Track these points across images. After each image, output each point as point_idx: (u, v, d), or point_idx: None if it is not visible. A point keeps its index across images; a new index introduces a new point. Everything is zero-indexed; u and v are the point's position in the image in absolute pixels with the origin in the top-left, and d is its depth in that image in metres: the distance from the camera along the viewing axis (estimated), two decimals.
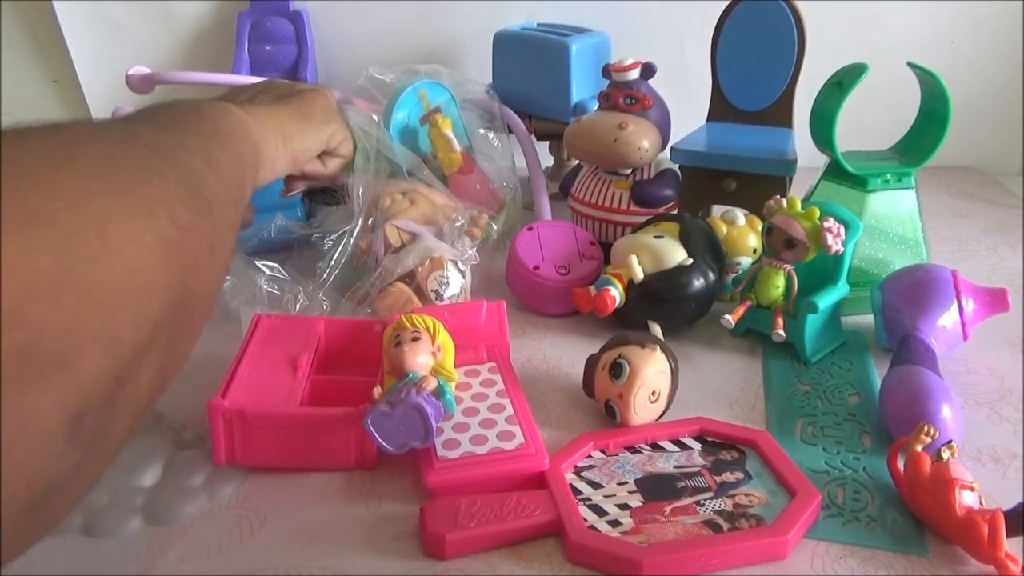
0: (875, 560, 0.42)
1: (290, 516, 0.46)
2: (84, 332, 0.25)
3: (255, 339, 0.54)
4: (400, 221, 0.67)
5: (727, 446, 0.50)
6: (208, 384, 0.51)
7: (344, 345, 0.57)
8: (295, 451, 0.48)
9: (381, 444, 0.46)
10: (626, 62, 0.70)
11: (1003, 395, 0.56)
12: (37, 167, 0.26)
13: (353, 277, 0.67)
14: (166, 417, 0.52)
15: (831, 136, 0.63)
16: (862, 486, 0.47)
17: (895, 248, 0.65)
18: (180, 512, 0.46)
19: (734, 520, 0.43)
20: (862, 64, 0.62)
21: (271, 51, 0.94)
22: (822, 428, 0.52)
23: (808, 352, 0.59)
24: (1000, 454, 0.50)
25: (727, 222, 0.66)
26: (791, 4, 0.71)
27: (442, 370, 0.49)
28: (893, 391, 0.51)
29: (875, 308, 0.60)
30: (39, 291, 0.23)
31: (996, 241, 0.81)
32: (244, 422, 0.47)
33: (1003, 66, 0.97)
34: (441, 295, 0.63)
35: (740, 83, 0.74)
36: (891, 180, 0.64)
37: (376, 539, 0.44)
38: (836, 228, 0.57)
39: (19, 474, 0.24)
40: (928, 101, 0.65)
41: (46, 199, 0.25)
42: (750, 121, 0.75)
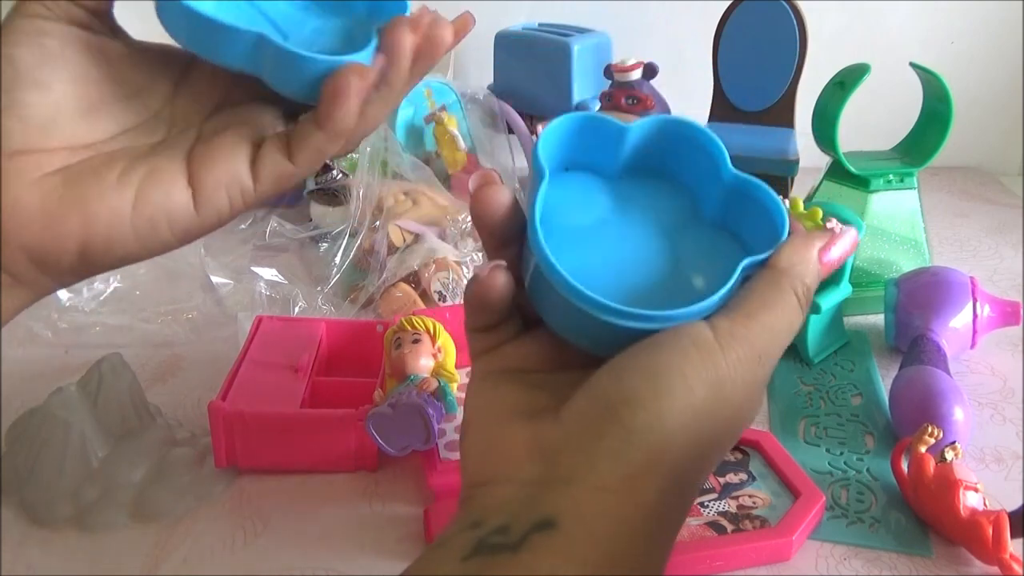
0: (879, 561, 0.42)
1: (293, 518, 0.46)
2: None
3: (256, 341, 0.54)
4: (404, 221, 0.67)
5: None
6: (207, 385, 0.51)
7: (345, 347, 0.57)
8: (296, 453, 0.48)
9: (382, 446, 0.46)
10: (628, 62, 0.70)
11: (1006, 396, 0.56)
12: None
13: (356, 278, 0.67)
14: (163, 414, 0.52)
15: (833, 136, 0.63)
16: (866, 487, 0.47)
17: (897, 248, 0.65)
18: (169, 509, 0.46)
19: (738, 521, 0.43)
20: (864, 64, 0.62)
21: None
22: (825, 429, 0.52)
23: (811, 353, 0.59)
24: (1003, 455, 0.50)
25: None
26: (793, 4, 0.71)
27: (443, 371, 0.49)
28: (904, 391, 0.51)
29: (887, 306, 0.60)
30: None
31: (997, 241, 0.81)
32: (244, 424, 0.47)
33: (1003, 66, 0.97)
34: (445, 296, 0.63)
35: (742, 83, 0.74)
36: (893, 180, 0.64)
37: (381, 541, 0.44)
38: (839, 228, 0.56)
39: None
40: (930, 101, 0.65)
41: None
42: (752, 121, 0.74)
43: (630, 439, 0.24)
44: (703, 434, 0.25)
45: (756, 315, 0.27)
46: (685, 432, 0.25)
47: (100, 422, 0.48)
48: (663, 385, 0.25)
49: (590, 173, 0.31)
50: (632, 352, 0.26)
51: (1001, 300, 0.59)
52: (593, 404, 0.26)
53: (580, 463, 0.25)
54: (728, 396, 0.26)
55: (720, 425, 0.26)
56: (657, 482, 0.24)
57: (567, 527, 0.23)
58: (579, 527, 0.24)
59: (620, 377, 0.26)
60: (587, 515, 0.24)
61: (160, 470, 0.47)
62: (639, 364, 0.26)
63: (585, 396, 0.26)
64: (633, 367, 0.26)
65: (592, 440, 0.25)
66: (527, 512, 0.24)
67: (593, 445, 0.25)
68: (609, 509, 0.24)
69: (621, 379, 0.26)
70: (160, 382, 0.59)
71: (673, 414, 0.25)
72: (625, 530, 0.24)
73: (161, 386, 0.58)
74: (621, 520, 0.24)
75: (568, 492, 0.24)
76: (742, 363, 0.26)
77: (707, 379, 0.25)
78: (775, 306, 0.28)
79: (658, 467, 0.25)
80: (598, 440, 0.25)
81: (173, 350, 0.62)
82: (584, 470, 0.24)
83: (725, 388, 0.26)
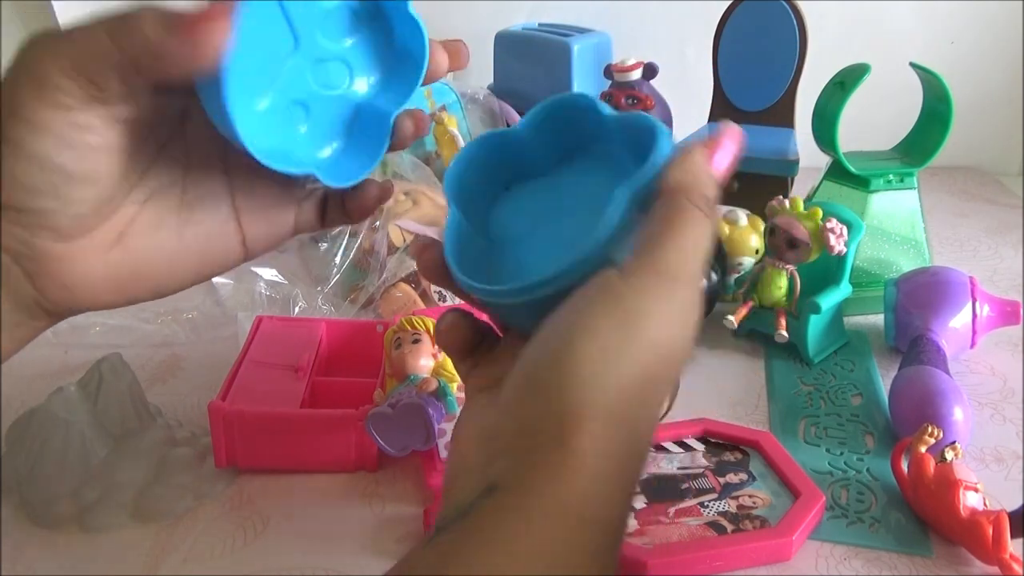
0: (879, 561, 0.42)
1: (293, 518, 0.46)
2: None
3: (256, 341, 0.54)
4: (404, 222, 0.67)
5: (730, 447, 0.50)
6: (207, 385, 0.51)
7: (345, 347, 0.57)
8: (296, 453, 0.48)
9: (382, 446, 0.46)
10: (628, 62, 0.70)
11: (1006, 396, 0.56)
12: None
13: (356, 278, 0.67)
14: (163, 414, 0.52)
15: (833, 136, 0.63)
16: (866, 487, 0.47)
17: (897, 248, 0.65)
18: (169, 509, 0.46)
19: (738, 522, 0.43)
20: (864, 64, 0.62)
21: None
22: (825, 429, 0.52)
23: (811, 353, 0.59)
24: (1003, 455, 0.50)
25: (729, 223, 0.66)
26: (793, 4, 0.71)
27: (443, 371, 0.49)
28: (904, 391, 0.51)
29: (887, 305, 0.60)
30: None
31: (997, 241, 0.81)
32: (244, 424, 0.47)
33: (1003, 66, 0.97)
34: (445, 296, 0.63)
35: (742, 83, 0.74)
36: (893, 180, 0.64)
37: (380, 541, 0.44)
38: (839, 228, 0.57)
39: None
40: (930, 101, 0.65)
41: None
42: (752, 121, 0.74)
43: (550, 398, 0.25)
44: (624, 372, 0.25)
45: (658, 239, 0.27)
46: (603, 376, 0.25)
47: (100, 422, 0.48)
48: (569, 338, 0.25)
49: (530, 179, 0.33)
50: (552, 317, 0.27)
51: (1001, 300, 0.59)
52: (518, 375, 0.26)
53: (513, 431, 0.26)
54: (642, 327, 0.26)
55: (643, 357, 0.26)
56: (590, 428, 0.25)
57: (506, 485, 0.25)
58: (517, 484, 0.25)
59: (537, 343, 0.27)
60: (525, 473, 0.25)
61: (160, 470, 0.48)
62: (553, 326, 0.27)
63: (512, 372, 0.27)
64: (549, 330, 0.27)
65: (520, 408, 0.26)
66: (477, 489, 0.25)
67: (522, 412, 0.26)
68: (548, 461, 0.25)
69: (538, 344, 0.26)
70: (160, 382, 0.59)
71: (584, 363, 0.25)
72: (565, 478, 0.24)
73: (161, 386, 0.58)
74: (559, 470, 0.25)
75: (509, 459, 0.25)
76: (651, 290, 0.26)
77: (612, 318, 0.25)
78: (675, 223, 0.27)
79: (583, 416, 0.25)
80: (524, 408, 0.26)
81: (173, 350, 0.62)
82: (518, 436, 0.26)
83: (636, 321, 0.26)
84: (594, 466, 0.25)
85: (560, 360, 0.25)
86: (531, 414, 0.26)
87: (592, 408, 0.25)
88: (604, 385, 0.25)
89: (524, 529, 0.24)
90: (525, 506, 0.24)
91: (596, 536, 0.25)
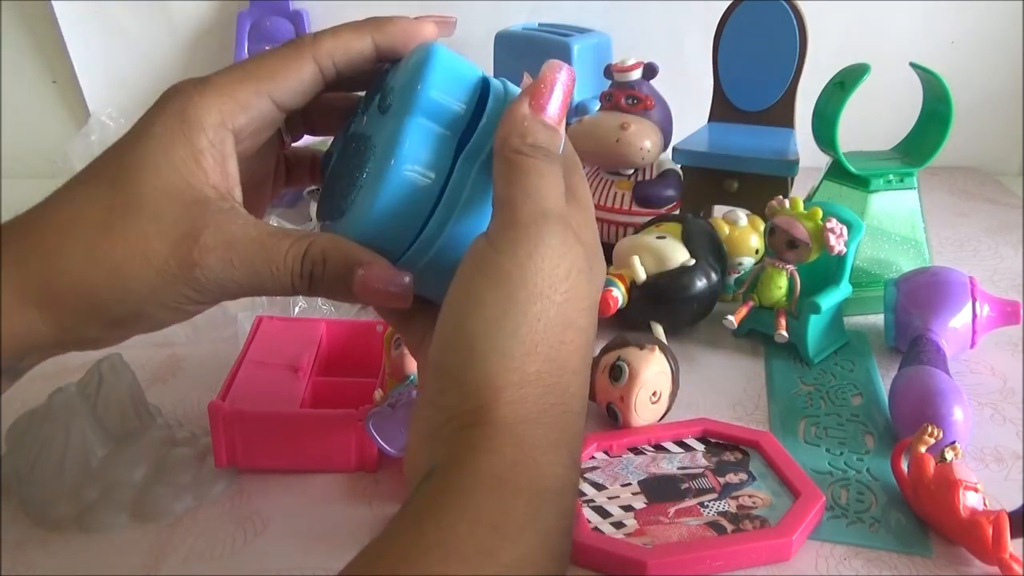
0: (879, 561, 0.42)
1: (293, 518, 0.46)
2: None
3: (256, 341, 0.54)
4: None
5: (730, 447, 0.50)
6: (207, 385, 0.51)
7: (345, 347, 0.57)
8: (296, 453, 0.48)
9: (382, 446, 0.46)
10: (628, 62, 0.69)
11: (1006, 395, 0.56)
12: None
13: None
14: (163, 414, 0.52)
15: (833, 136, 0.63)
16: (866, 487, 0.47)
17: (897, 248, 0.65)
18: (168, 509, 0.46)
19: (738, 521, 0.43)
20: (864, 64, 0.62)
21: None
22: (825, 429, 0.52)
23: (811, 353, 0.59)
24: (1003, 455, 0.50)
25: (729, 223, 0.66)
26: (793, 4, 0.70)
27: None
28: (904, 391, 0.51)
29: (887, 305, 0.60)
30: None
31: (997, 241, 0.81)
32: (244, 424, 0.47)
33: (1003, 66, 0.97)
34: None
35: (742, 83, 0.74)
36: (893, 180, 0.64)
37: None
38: (839, 228, 0.57)
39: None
40: (930, 101, 0.65)
41: None
42: (752, 121, 0.74)
43: (460, 381, 0.26)
44: (518, 331, 0.26)
45: (505, 197, 0.27)
46: (499, 343, 0.26)
47: (100, 422, 0.48)
48: (461, 317, 0.26)
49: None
50: (445, 302, 0.27)
51: (1001, 300, 0.59)
52: (430, 368, 0.27)
53: (441, 423, 0.26)
54: (517, 282, 0.26)
55: (531, 309, 0.26)
56: (505, 397, 0.25)
57: (442, 468, 0.25)
58: (453, 464, 0.25)
59: (437, 332, 0.27)
60: (458, 453, 0.25)
61: (160, 470, 0.47)
62: (446, 310, 0.27)
63: (427, 365, 0.28)
64: (443, 315, 0.27)
65: (441, 398, 0.26)
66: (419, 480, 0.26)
67: (443, 402, 0.26)
68: (473, 442, 0.25)
69: (438, 332, 0.27)
70: (160, 382, 0.59)
71: (478, 337, 0.26)
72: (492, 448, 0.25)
73: (161, 386, 0.58)
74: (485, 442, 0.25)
75: (439, 447, 0.26)
76: (514, 243, 0.26)
77: (490, 285, 0.26)
78: (512, 177, 0.28)
79: (495, 387, 0.25)
80: (443, 397, 0.26)
81: (173, 350, 0.62)
82: (444, 426, 0.26)
83: (511, 278, 0.26)
84: (519, 432, 0.25)
85: (458, 342, 0.26)
86: (449, 402, 0.26)
87: (498, 377, 0.25)
88: (502, 350, 0.25)
89: (462, 504, 0.24)
90: (460, 485, 0.24)
91: (535, 503, 0.25)
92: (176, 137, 0.28)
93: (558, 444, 0.26)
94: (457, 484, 0.25)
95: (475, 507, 0.24)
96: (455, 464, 0.25)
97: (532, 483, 0.25)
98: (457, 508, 0.24)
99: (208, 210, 0.28)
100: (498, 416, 0.25)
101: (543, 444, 0.26)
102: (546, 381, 0.26)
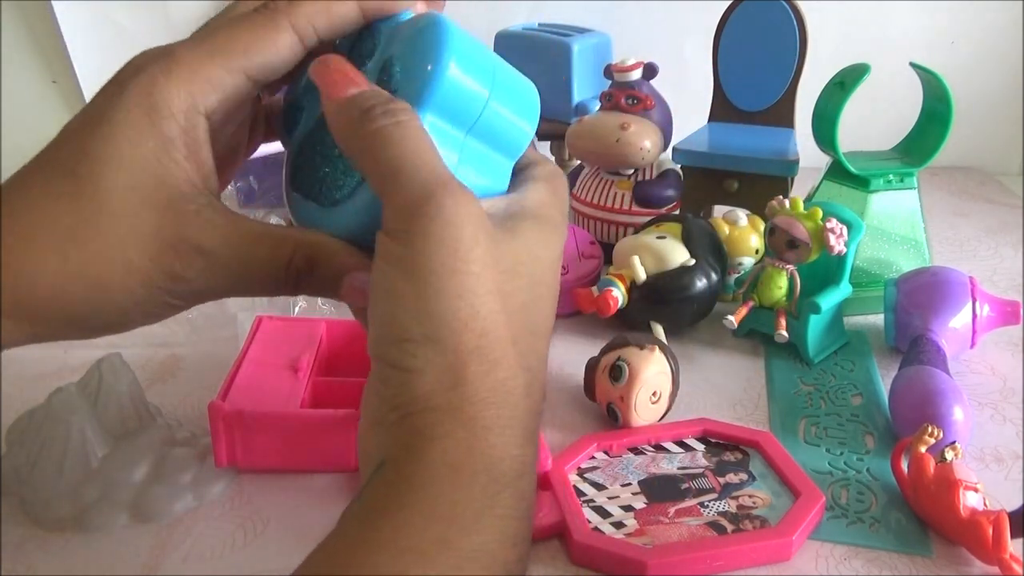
0: (879, 561, 0.42)
1: (293, 518, 0.46)
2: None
3: (256, 341, 0.54)
4: None
5: (730, 447, 0.50)
6: (207, 385, 0.51)
7: (346, 347, 0.57)
8: (296, 453, 0.48)
9: None
10: (628, 62, 0.70)
11: (1006, 396, 0.56)
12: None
13: None
14: (162, 414, 0.52)
15: (833, 136, 0.63)
16: (866, 487, 0.47)
17: (897, 248, 0.65)
18: (168, 509, 0.46)
19: (738, 521, 0.43)
20: (864, 64, 0.62)
21: None
22: (825, 429, 0.52)
23: (811, 353, 0.59)
24: (1003, 455, 0.50)
25: (729, 223, 0.66)
26: (793, 4, 0.70)
27: None
28: (904, 391, 0.51)
29: (887, 305, 0.60)
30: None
31: (997, 241, 0.81)
32: (244, 424, 0.47)
33: (1003, 66, 0.97)
34: None
35: (742, 83, 0.74)
36: (893, 180, 0.64)
37: None
38: (839, 228, 0.57)
39: None
40: (930, 101, 0.65)
41: None
42: (752, 121, 0.74)
43: (400, 372, 0.25)
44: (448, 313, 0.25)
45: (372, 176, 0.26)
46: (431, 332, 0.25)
47: (100, 422, 0.48)
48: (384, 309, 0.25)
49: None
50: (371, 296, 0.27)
51: (1001, 300, 0.59)
52: (372, 361, 0.27)
53: (387, 410, 0.25)
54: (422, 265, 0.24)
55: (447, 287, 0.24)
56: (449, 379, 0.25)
57: (393, 458, 0.24)
58: (404, 454, 0.24)
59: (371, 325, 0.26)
60: (407, 441, 0.25)
61: (160, 470, 0.47)
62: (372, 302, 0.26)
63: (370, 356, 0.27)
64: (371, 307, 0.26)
65: (385, 387, 0.26)
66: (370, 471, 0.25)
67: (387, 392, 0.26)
68: (418, 428, 0.25)
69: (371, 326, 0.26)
70: (160, 382, 0.59)
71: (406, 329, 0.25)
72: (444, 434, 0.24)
73: (161, 386, 0.58)
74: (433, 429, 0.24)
75: (387, 436, 0.25)
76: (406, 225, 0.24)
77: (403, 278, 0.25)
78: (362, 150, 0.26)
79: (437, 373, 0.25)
80: (387, 387, 0.26)
81: (173, 350, 0.62)
82: (391, 413, 0.25)
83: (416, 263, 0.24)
84: (469, 415, 0.25)
85: (390, 334, 0.25)
86: (392, 391, 0.25)
87: (434, 363, 0.25)
88: (432, 336, 0.25)
89: (414, 498, 0.23)
90: (411, 476, 0.24)
91: (491, 488, 0.24)
92: (142, 126, 0.26)
93: (511, 422, 0.25)
94: (408, 475, 0.24)
95: (429, 499, 0.23)
96: (405, 453, 0.24)
97: (487, 467, 0.24)
98: (409, 503, 0.23)
99: (185, 212, 0.27)
100: (443, 401, 0.24)
101: (496, 424, 0.25)
102: (489, 356, 0.25)
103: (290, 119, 0.33)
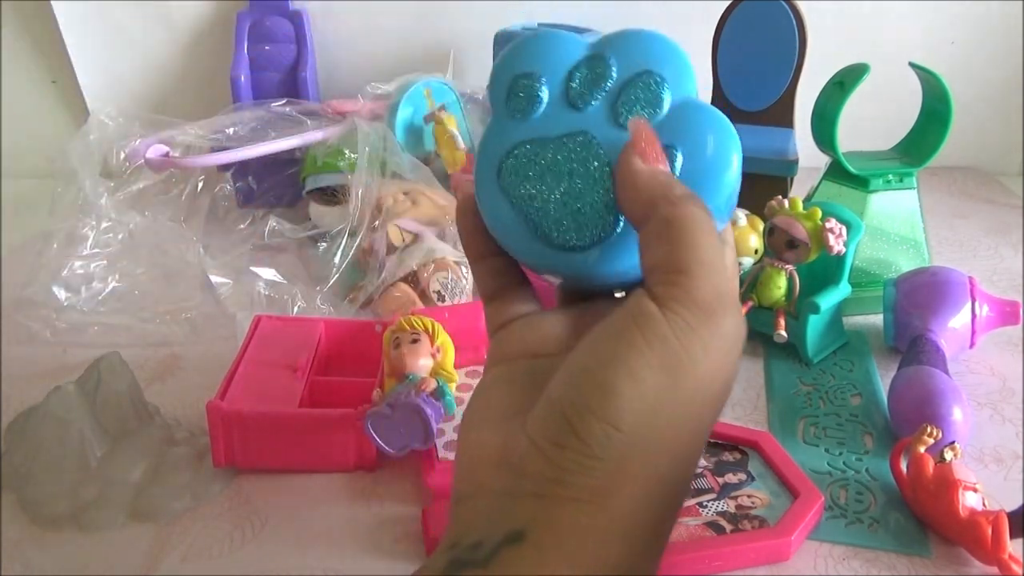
0: (878, 561, 0.42)
1: (291, 518, 0.46)
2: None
3: (255, 341, 0.54)
4: (403, 221, 0.67)
5: (729, 447, 0.50)
6: (206, 384, 0.51)
7: (344, 346, 0.57)
8: (295, 453, 0.48)
9: (381, 446, 0.46)
10: None
11: (1005, 396, 0.56)
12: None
13: (355, 278, 0.67)
14: (161, 413, 0.52)
15: (833, 136, 0.63)
16: (865, 487, 0.47)
17: (897, 248, 0.65)
18: (166, 508, 0.46)
19: (737, 522, 0.43)
20: (864, 64, 0.62)
21: (270, 51, 0.94)
22: (824, 429, 0.52)
23: (810, 353, 0.59)
24: (1003, 455, 0.50)
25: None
26: (792, 4, 0.70)
27: (442, 371, 0.49)
28: (903, 391, 0.51)
29: (886, 305, 0.60)
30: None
31: (997, 241, 0.81)
32: (243, 424, 0.47)
33: (1003, 66, 0.97)
34: (444, 296, 0.63)
35: (741, 83, 0.74)
36: (893, 180, 0.64)
37: (378, 541, 0.44)
38: (838, 228, 0.57)
39: None
40: (930, 101, 0.65)
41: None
42: (751, 121, 0.74)
43: (590, 451, 0.23)
44: (671, 429, 0.23)
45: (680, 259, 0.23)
46: (647, 430, 0.23)
47: (99, 421, 0.48)
48: (610, 385, 0.23)
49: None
50: (582, 346, 0.24)
51: (1000, 300, 0.59)
52: (551, 412, 0.24)
53: (547, 475, 0.23)
54: (689, 375, 0.23)
55: (691, 409, 0.23)
56: (630, 490, 0.23)
57: (536, 539, 0.22)
58: (549, 539, 0.22)
59: (571, 382, 0.24)
60: (558, 528, 0.23)
61: (158, 469, 0.47)
62: (587, 363, 0.24)
63: (544, 404, 0.24)
64: (582, 367, 0.24)
65: (555, 451, 0.23)
66: (498, 526, 0.23)
67: (557, 456, 0.23)
68: (580, 521, 0.23)
69: (571, 384, 0.24)
70: (159, 381, 0.59)
71: (626, 415, 0.22)
72: (599, 540, 0.23)
73: (160, 385, 0.58)
74: (594, 531, 0.23)
75: (538, 504, 0.23)
76: (696, 329, 0.23)
77: (656, 362, 0.23)
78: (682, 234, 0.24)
79: (627, 475, 0.23)
80: (560, 451, 0.23)
81: (172, 350, 0.62)
82: (551, 483, 0.23)
83: (683, 368, 0.23)
84: (630, 530, 0.23)
85: (601, 406, 0.23)
86: (566, 462, 0.23)
87: (635, 468, 0.23)
88: (648, 442, 0.23)
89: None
90: (551, 564, 0.22)
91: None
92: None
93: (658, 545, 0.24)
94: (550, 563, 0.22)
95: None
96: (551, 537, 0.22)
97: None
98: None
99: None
100: (618, 508, 0.23)
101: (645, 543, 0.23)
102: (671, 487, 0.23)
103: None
